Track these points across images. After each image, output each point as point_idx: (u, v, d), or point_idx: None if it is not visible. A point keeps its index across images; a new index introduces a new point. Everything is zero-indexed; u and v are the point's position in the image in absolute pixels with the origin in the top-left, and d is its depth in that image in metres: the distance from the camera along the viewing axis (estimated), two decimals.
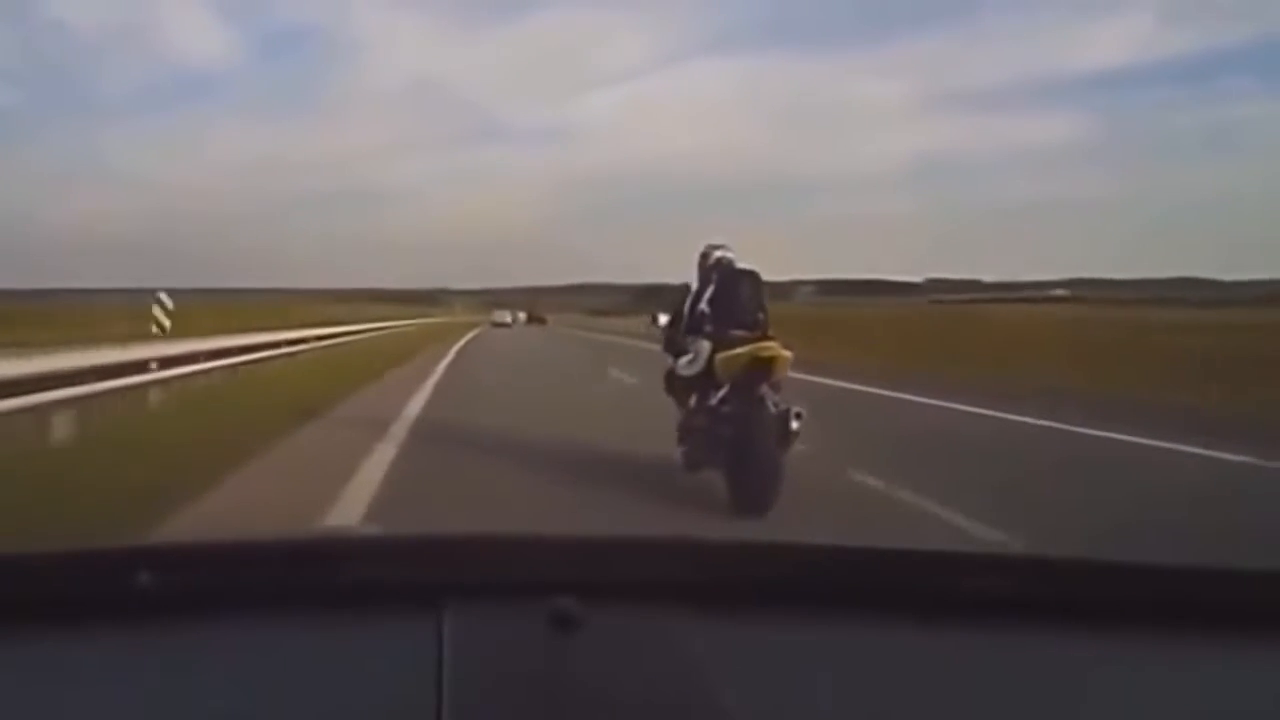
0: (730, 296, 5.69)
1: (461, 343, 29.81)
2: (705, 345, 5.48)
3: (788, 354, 5.27)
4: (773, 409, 5.13)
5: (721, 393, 5.26)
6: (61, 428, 6.95)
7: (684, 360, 5.72)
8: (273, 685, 0.78)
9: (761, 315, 5.69)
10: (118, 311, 22.61)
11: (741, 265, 5.94)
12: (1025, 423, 9.29)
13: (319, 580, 0.91)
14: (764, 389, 5.17)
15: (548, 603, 0.80)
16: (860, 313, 45.38)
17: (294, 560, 0.94)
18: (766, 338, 5.43)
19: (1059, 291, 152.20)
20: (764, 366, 5.17)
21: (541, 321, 78.99)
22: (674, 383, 5.96)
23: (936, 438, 8.51)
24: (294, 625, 0.86)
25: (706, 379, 5.41)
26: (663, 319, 6.34)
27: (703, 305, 5.73)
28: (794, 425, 5.11)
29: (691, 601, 0.87)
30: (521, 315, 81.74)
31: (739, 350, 5.24)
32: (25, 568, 0.90)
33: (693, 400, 5.62)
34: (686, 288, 6.01)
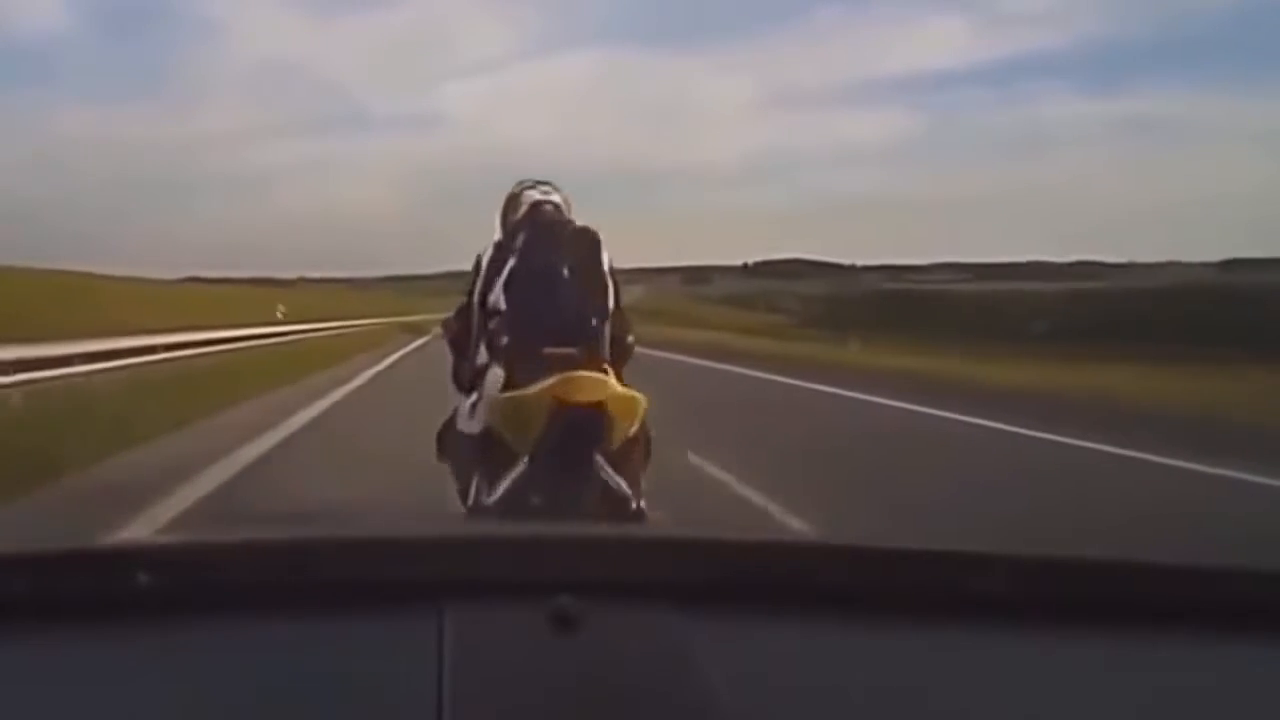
0: (542, 279, 2.79)
1: None
2: (497, 376, 2.74)
3: (636, 396, 2.67)
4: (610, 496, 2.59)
5: (514, 474, 2.60)
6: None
7: (466, 405, 2.93)
8: (270, 686, 0.76)
9: (596, 321, 2.78)
10: None
11: (572, 222, 3.04)
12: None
13: (316, 580, 0.89)
14: (597, 463, 2.59)
15: (547, 602, 0.79)
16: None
17: (291, 560, 0.92)
18: (601, 360, 2.70)
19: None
20: (585, 423, 2.53)
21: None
22: (449, 443, 3.04)
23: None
24: (290, 625, 0.84)
25: (491, 443, 2.66)
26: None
27: (496, 295, 2.81)
28: None
29: (693, 600, 0.85)
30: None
31: (536, 388, 2.53)
32: (21, 566, 0.89)
33: (473, 484, 2.77)
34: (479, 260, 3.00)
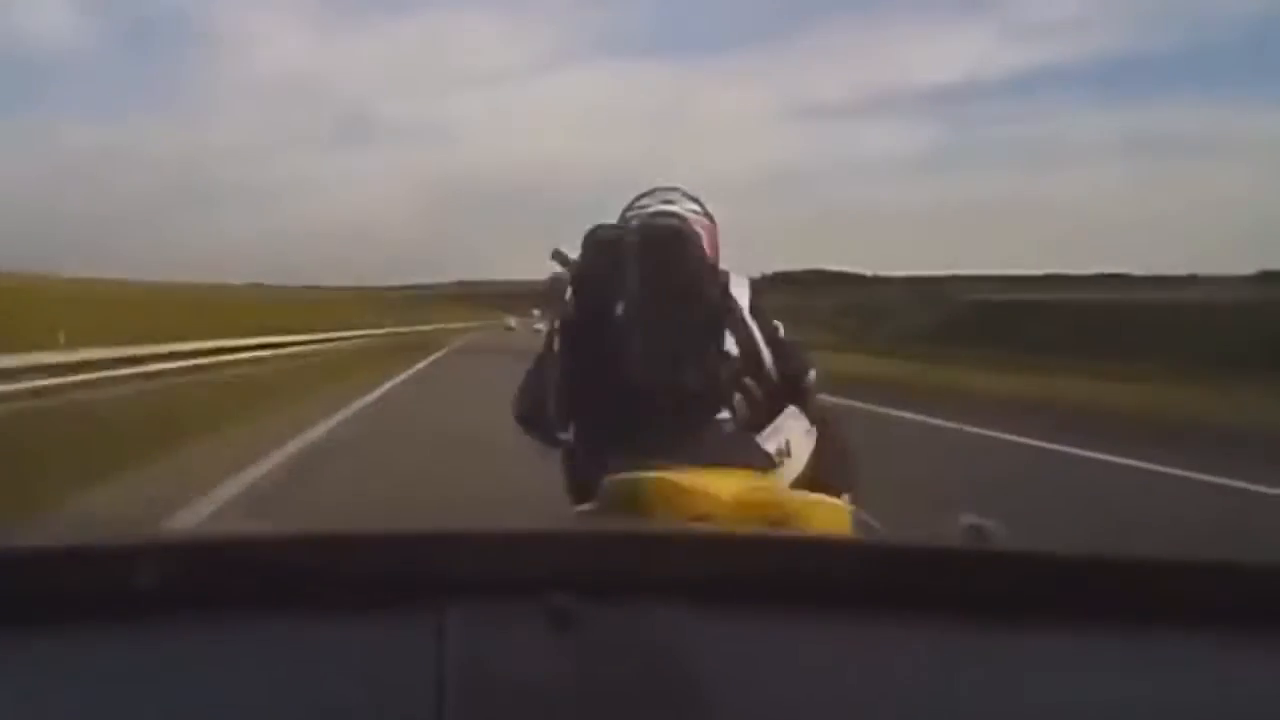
0: (654, 335, 1.74)
1: None
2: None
3: (840, 506, 1.64)
4: None
5: None
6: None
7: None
8: (270, 684, 0.76)
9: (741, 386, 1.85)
10: None
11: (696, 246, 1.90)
12: None
13: (315, 577, 0.87)
14: None
15: (546, 599, 0.79)
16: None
17: (286, 556, 0.91)
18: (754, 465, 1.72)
19: None
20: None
21: None
22: None
23: None
24: (287, 623, 0.84)
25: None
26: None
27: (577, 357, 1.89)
28: None
29: (693, 597, 0.84)
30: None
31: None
32: (19, 563, 0.89)
33: None
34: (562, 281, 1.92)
